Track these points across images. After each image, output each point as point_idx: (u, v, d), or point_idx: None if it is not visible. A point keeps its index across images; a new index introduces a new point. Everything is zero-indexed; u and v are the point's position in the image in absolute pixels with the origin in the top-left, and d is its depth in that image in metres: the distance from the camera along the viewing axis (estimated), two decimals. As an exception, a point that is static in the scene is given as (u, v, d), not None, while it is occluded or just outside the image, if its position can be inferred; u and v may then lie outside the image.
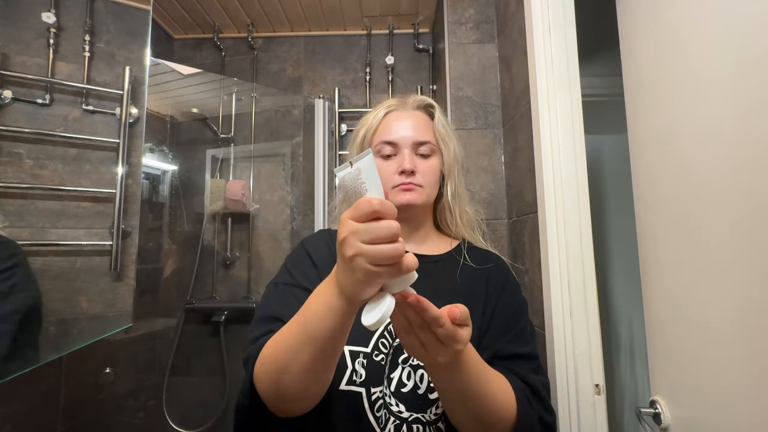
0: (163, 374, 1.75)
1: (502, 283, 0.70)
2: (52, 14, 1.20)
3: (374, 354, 0.59)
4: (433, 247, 0.74)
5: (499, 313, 0.66)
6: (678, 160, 0.71)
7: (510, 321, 0.66)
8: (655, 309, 0.80)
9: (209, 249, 1.90)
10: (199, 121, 1.97)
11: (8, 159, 1.13)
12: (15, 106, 1.15)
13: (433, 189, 0.72)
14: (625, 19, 0.88)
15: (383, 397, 0.58)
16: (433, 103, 0.77)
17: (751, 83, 0.56)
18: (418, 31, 1.94)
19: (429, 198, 0.71)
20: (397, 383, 0.59)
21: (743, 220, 0.57)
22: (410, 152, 0.70)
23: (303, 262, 0.67)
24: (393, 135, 0.71)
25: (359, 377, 0.58)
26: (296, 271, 0.65)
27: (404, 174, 0.68)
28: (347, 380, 0.57)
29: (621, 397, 1.88)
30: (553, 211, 0.97)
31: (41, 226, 1.16)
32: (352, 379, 0.57)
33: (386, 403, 0.58)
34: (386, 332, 0.61)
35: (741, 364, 0.59)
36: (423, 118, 0.74)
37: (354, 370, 0.58)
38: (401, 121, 0.72)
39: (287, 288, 0.62)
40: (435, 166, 0.72)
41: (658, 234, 0.78)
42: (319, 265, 0.65)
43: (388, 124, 0.72)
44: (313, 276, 0.63)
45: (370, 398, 0.57)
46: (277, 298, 0.61)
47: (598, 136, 2.01)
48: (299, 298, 0.55)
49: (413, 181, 0.68)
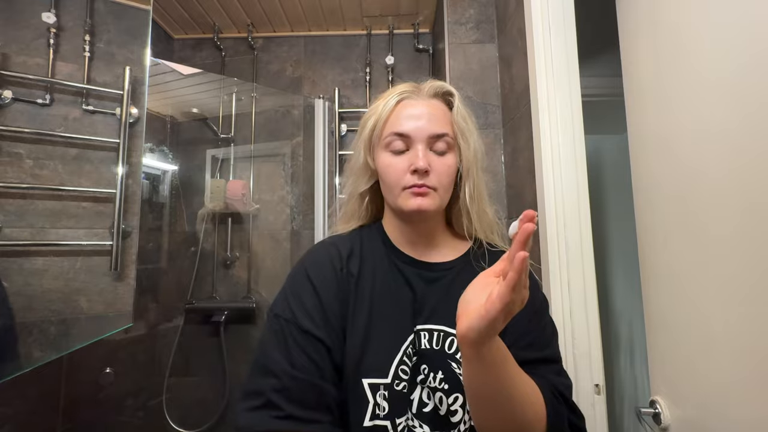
0: (163, 374, 1.74)
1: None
2: (52, 14, 1.20)
3: (395, 383, 0.55)
4: (445, 251, 0.68)
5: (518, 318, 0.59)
6: (678, 160, 0.71)
7: (529, 325, 0.59)
8: (655, 309, 0.80)
9: (209, 249, 1.90)
10: (199, 121, 1.97)
11: (8, 159, 1.13)
12: (15, 106, 1.15)
13: (448, 192, 0.63)
14: (625, 19, 0.88)
15: (407, 422, 0.55)
16: (452, 90, 0.66)
17: (750, 83, 0.56)
18: (418, 31, 1.94)
19: (443, 202, 0.63)
20: (418, 404, 0.56)
21: (743, 220, 0.57)
22: (424, 148, 0.61)
23: (303, 290, 0.60)
24: (405, 126, 0.61)
25: (382, 410, 0.54)
26: (296, 302, 0.59)
27: (417, 174, 0.60)
28: (371, 415, 0.54)
29: (621, 397, 1.88)
30: (553, 211, 0.98)
31: (41, 226, 1.16)
32: (376, 413, 0.54)
33: (409, 426, 0.55)
34: (405, 357, 0.57)
35: (741, 364, 0.59)
36: (440, 108, 0.64)
37: (376, 404, 0.54)
38: (415, 110, 0.63)
39: (288, 328, 0.56)
40: (452, 166, 0.62)
41: (657, 234, 0.78)
42: (321, 292, 0.59)
43: (400, 113, 0.63)
44: (312, 309, 0.57)
45: (396, 429, 0.54)
46: (278, 345, 0.55)
47: (598, 137, 2.01)
48: (300, 344, 0.53)
49: (426, 182, 0.60)
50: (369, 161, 0.66)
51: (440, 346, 0.59)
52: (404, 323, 0.59)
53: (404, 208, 0.61)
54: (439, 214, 0.68)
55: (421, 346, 0.59)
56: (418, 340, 0.59)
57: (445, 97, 0.66)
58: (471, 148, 0.64)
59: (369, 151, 0.66)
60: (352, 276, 0.62)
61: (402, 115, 0.63)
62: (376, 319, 0.59)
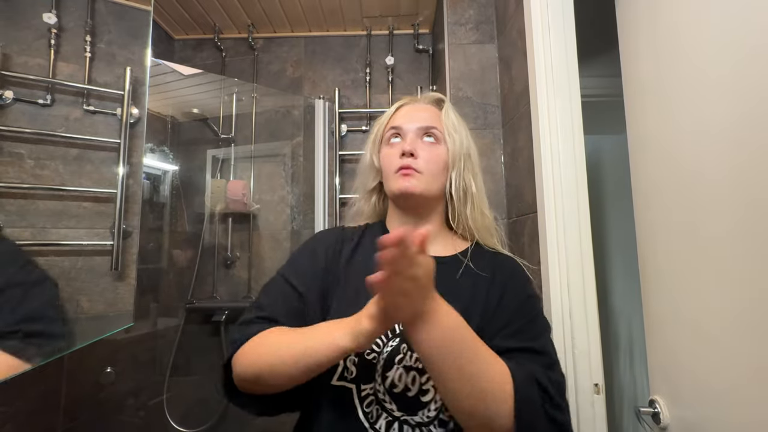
0: (163, 374, 1.75)
1: (506, 279, 0.66)
2: (53, 15, 1.20)
3: (365, 353, 0.61)
4: (439, 248, 0.71)
5: (501, 311, 0.62)
6: (677, 160, 0.72)
7: (513, 316, 0.61)
8: (655, 309, 0.81)
9: (210, 249, 1.90)
10: (199, 121, 1.97)
11: (9, 159, 1.14)
12: (16, 106, 1.15)
13: (436, 179, 0.69)
14: (625, 19, 0.89)
15: (375, 394, 0.59)
16: (443, 97, 0.78)
17: (750, 84, 0.57)
18: (418, 31, 1.94)
19: (429, 187, 0.68)
20: (390, 383, 0.60)
21: (742, 220, 0.58)
22: (414, 136, 0.70)
23: (303, 256, 0.71)
24: (399, 121, 0.72)
25: (350, 374, 0.60)
26: (294, 265, 0.70)
27: (404, 156, 0.67)
28: (339, 376, 0.60)
29: (620, 397, 1.88)
30: (553, 211, 0.98)
31: (42, 226, 1.16)
32: (344, 375, 0.60)
33: (380, 399, 0.59)
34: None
35: (740, 363, 0.59)
36: (433, 110, 0.74)
37: (345, 367, 0.61)
38: (410, 111, 0.74)
39: (282, 283, 0.67)
40: (439, 155, 0.70)
41: (657, 234, 0.79)
42: (318, 258, 0.69)
43: (398, 114, 0.75)
44: (304, 272, 0.68)
45: (360, 394, 0.59)
46: (272, 292, 0.67)
47: (597, 137, 2.01)
48: (285, 296, 0.65)
49: (412, 165, 0.67)
50: (375, 160, 0.76)
51: None
52: None
53: (394, 190, 0.68)
54: (434, 207, 0.72)
55: (402, 328, 0.63)
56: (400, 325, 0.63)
57: (439, 104, 0.76)
58: (457, 143, 0.71)
59: (375, 152, 0.76)
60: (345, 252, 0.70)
61: (399, 115, 0.74)
62: (361, 297, 0.61)
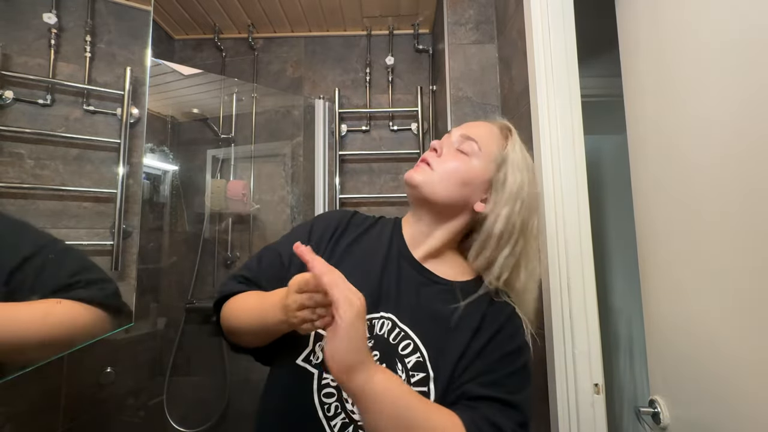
0: (163, 374, 1.75)
1: (494, 331, 0.59)
2: (53, 15, 1.20)
3: None
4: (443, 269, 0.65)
5: (484, 356, 0.57)
6: (677, 160, 0.72)
7: (494, 364, 0.56)
8: (655, 309, 0.81)
9: (210, 249, 1.90)
10: (199, 121, 1.97)
11: (9, 159, 1.14)
12: (16, 106, 1.15)
13: (445, 185, 0.62)
14: (625, 19, 0.89)
15: (338, 390, 0.56)
16: (511, 126, 0.70)
17: (749, 84, 0.57)
18: (418, 31, 1.94)
19: (434, 190, 0.62)
20: None
21: (742, 220, 0.58)
22: (448, 138, 0.67)
23: (299, 230, 0.72)
24: (453, 128, 0.70)
25: (316, 358, 0.58)
26: (289, 236, 0.71)
27: (430, 151, 0.66)
28: (304, 357, 0.59)
29: (620, 397, 1.88)
30: (553, 211, 0.98)
31: (42, 226, 1.16)
32: (309, 358, 0.59)
33: (341, 397, 0.56)
34: None
35: (740, 363, 0.59)
36: (491, 129, 0.68)
37: (312, 351, 0.59)
38: (468, 123, 0.70)
39: (273, 250, 0.69)
40: (464, 164, 0.63)
41: (657, 234, 0.79)
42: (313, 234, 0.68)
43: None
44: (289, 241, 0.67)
45: (320, 381, 0.57)
46: (263, 257, 0.69)
47: (597, 137, 2.01)
48: (271, 262, 0.67)
49: (428, 159, 0.64)
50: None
51: (395, 342, 0.59)
52: (374, 301, 0.61)
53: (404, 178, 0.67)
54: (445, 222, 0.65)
55: (377, 331, 0.59)
56: (381, 325, 0.60)
57: (502, 130, 0.69)
58: (517, 183, 0.62)
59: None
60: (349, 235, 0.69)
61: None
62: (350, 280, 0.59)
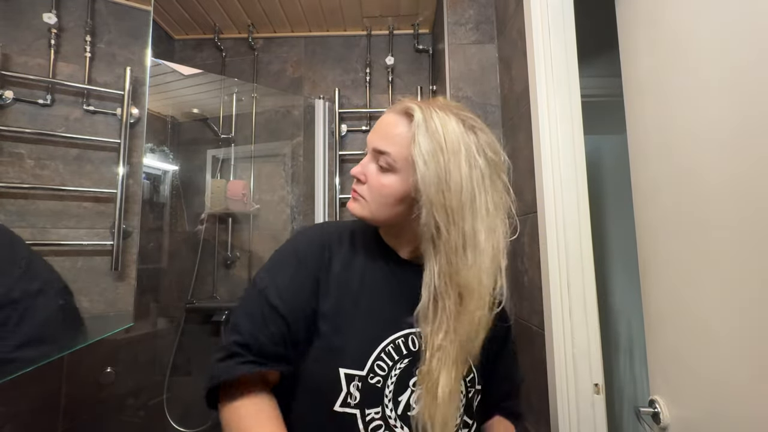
0: (163, 373, 1.75)
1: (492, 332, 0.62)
2: (53, 15, 1.20)
3: (369, 377, 0.58)
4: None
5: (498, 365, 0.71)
6: (677, 160, 0.72)
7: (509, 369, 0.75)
8: (655, 308, 0.81)
9: (210, 249, 1.90)
10: (199, 121, 1.97)
11: (10, 159, 1.14)
12: (16, 106, 1.15)
13: (382, 209, 0.60)
14: (625, 20, 0.89)
15: (386, 420, 0.57)
16: (414, 111, 0.58)
17: (749, 84, 0.57)
18: (417, 31, 1.94)
19: (375, 215, 0.61)
20: (404, 406, 0.58)
21: (742, 220, 0.58)
22: (369, 157, 0.62)
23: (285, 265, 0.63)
24: (370, 134, 0.63)
25: (354, 399, 0.57)
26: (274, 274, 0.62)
27: (354, 179, 0.63)
28: (341, 402, 0.57)
29: (620, 397, 1.88)
30: (553, 211, 0.98)
31: (42, 226, 1.16)
32: (347, 401, 0.57)
33: (391, 426, 0.57)
34: (383, 354, 0.59)
35: (740, 363, 0.59)
36: (396, 128, 0.60)
37: (348, 393, 0.57)
38: (379, 123, 0.63)
39: (260, 298, 0.60)
40: (387, 186, 0.59)
41: (657, 233, 0.79)
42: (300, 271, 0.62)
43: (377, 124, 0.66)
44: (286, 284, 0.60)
45: (365, 419, 0.57)
46: (249, 311, 0.60)
47: (597, 137, 2.01)
48: (265, 316, 0.58)
49: (358, 189, 0.62)
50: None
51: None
52: (393, 320, 0.60)
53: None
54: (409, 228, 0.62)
55: (414, 348, 0.60)
56: (411, 341, 0.60)
57: (408, 116, 0.60)
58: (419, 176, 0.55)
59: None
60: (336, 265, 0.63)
61: (376, 125, 0.64)
62: (360, 311, 0.60)
